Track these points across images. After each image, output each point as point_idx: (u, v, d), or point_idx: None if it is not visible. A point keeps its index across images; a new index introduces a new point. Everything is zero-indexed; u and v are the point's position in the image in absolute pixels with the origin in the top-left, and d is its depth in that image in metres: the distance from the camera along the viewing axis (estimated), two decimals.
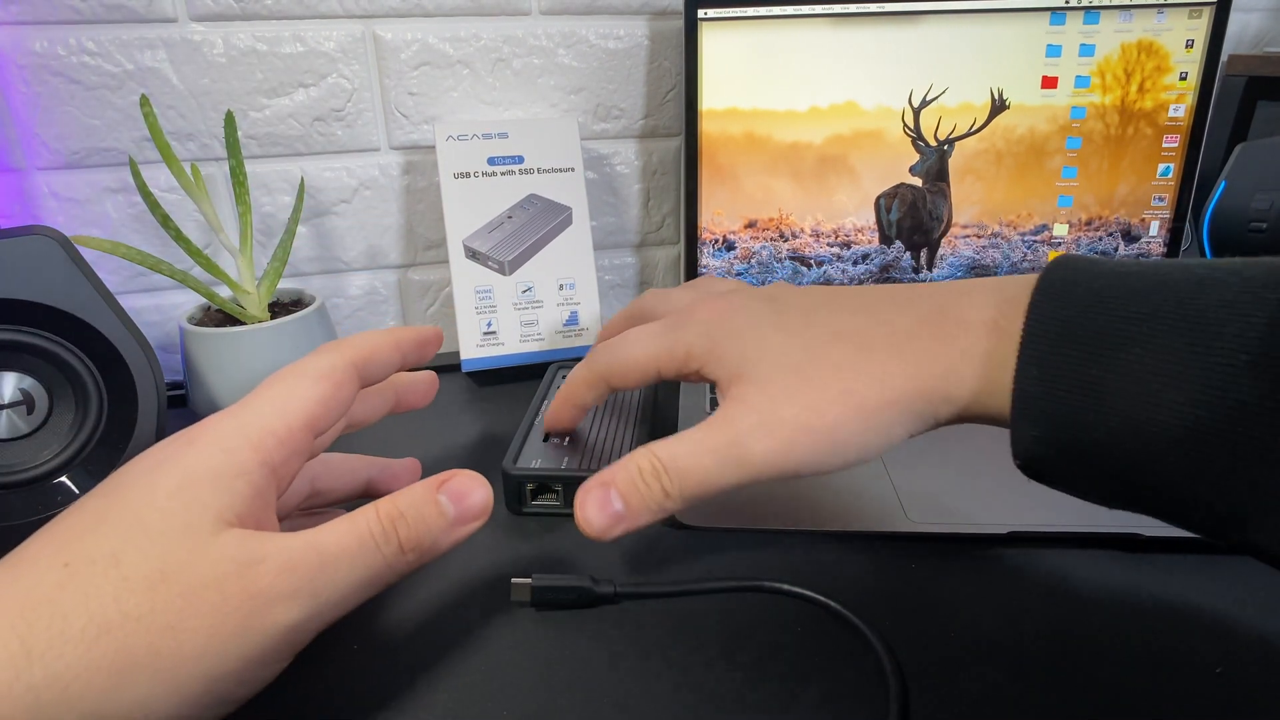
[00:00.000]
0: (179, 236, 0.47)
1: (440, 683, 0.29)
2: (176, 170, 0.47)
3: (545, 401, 0.46)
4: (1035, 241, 0.58)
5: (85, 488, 0.38)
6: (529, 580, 0.32)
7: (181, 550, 0.21)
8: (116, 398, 0.39)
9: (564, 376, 0.49)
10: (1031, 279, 0.24)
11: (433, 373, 0.37)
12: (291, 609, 0.22)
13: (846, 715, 0.27)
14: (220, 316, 0.50)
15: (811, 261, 0.59)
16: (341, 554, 0.24)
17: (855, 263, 0.59)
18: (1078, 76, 0.55)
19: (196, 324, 0.48)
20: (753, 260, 0.59)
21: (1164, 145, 0.56)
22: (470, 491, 0.26)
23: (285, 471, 0.26)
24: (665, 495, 0.27)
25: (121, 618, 0.20)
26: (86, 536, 0.21)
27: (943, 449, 0.42)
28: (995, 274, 0.59)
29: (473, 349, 0.56)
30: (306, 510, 0.34)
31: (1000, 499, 0.38)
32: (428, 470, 0.44)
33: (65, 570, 0.20)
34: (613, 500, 0.27)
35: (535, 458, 0.39)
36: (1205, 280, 0.21)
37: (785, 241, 0.59)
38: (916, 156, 0.57)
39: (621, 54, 0.61)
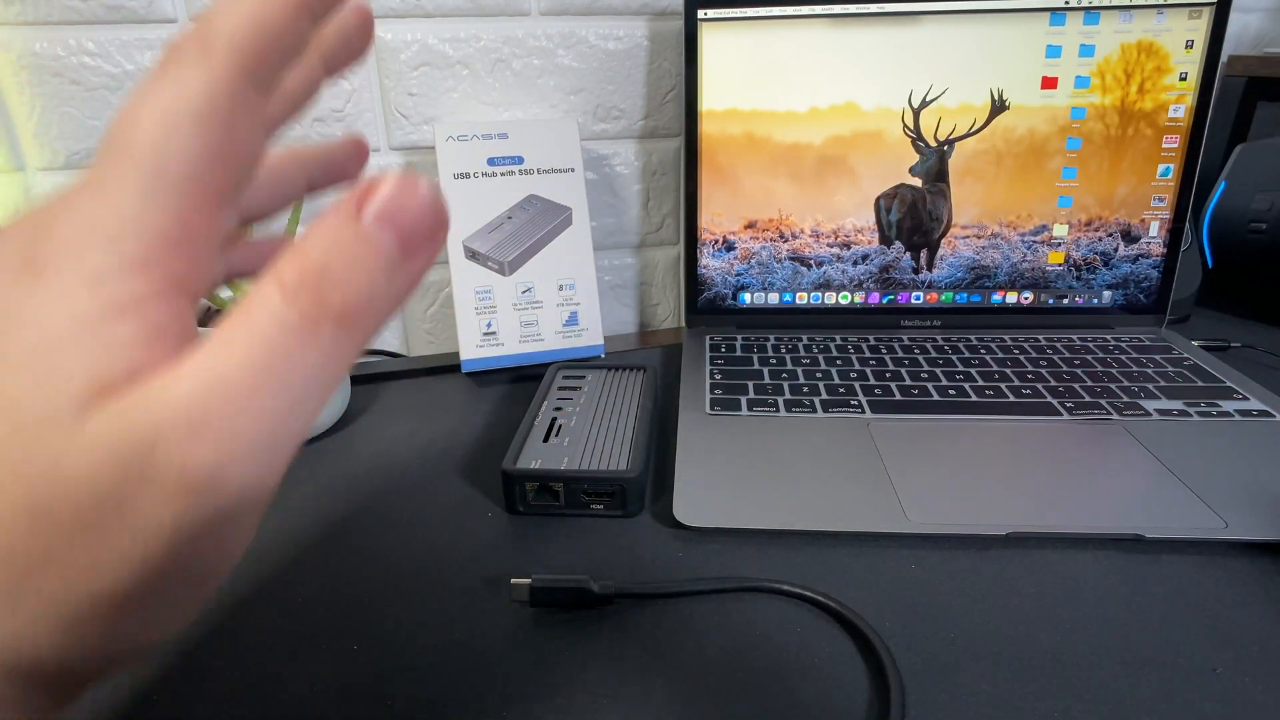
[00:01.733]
0: None
1: (440, 683, 0.29)
2: None
3: (545, 402, 0.46)
4: (1035, 242, 0.58)
5: None
6: (528, 580, 0.32)
7: (45, 458, 0.14)
8: None
9: (565, 377, 0.50)
10: None
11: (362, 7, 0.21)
12: (207, 490, 0.15)
13: (846, 715, 0.27)
14: (221, 317, 0.50)
15: (811, 262, 0.59)
16: (254, 380, 0.15)
17: (855, 263, 0.59)
18: (1078, 77, 0.55)
19: (197, 324, 0.48)
20: (752, 261, 0.59)
21: (1164, 146, 0.56)
22: (407, 201, 0.16)
23: (199, 274, 0.17)
24: None
25: None
26: None
27: (943, 449, 0.42)
28: (995, 274, 0.59)
29: (473, 349, 0.56)
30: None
31: (1000, 499, 0.38)
32: (429, 471, 0.44)
33: None
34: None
35: (535, 458, 0.39)
36: None
37: (785, 242, 0.59)
38: (916, 157, 0.57)
39: (621, 54, 0.61)
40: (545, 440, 0.41)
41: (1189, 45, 0.54)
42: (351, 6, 0.21)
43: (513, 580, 0.32)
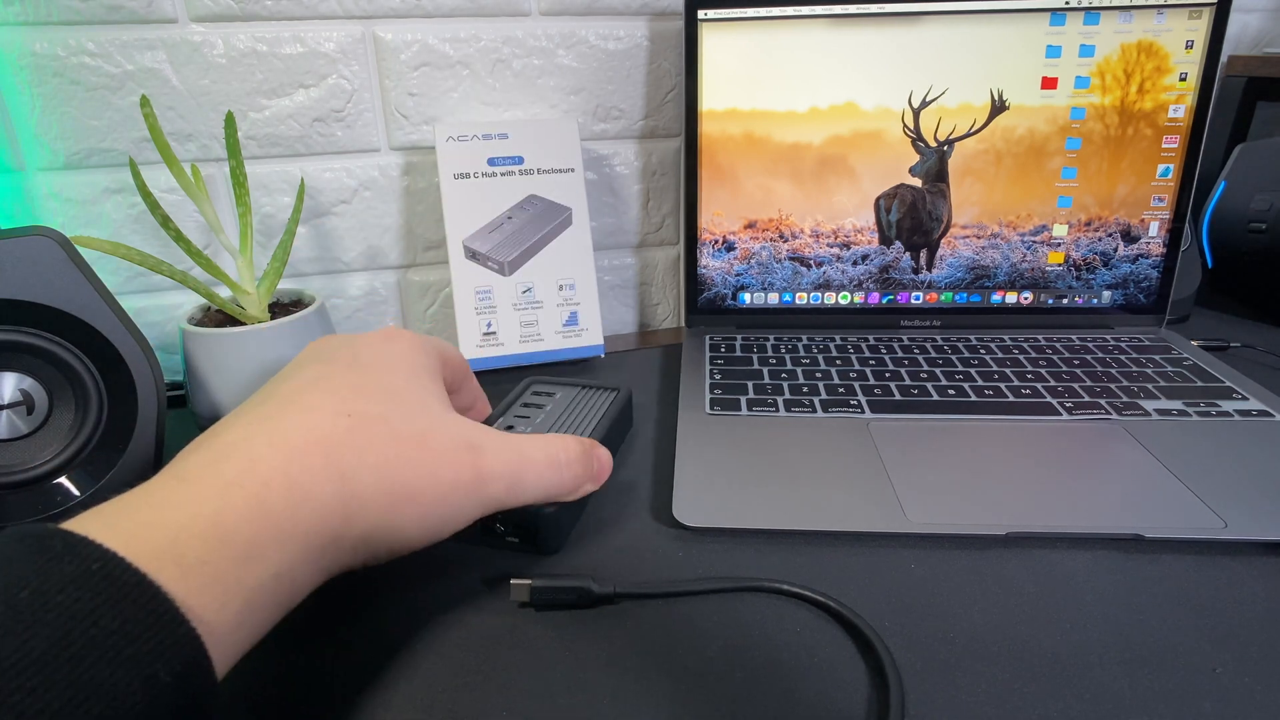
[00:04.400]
0: (179, 237, 0.47)
1: (441, 683, 0.29)
2: (176, 171, 0.47)
3: (501, 418, 0.42)
4: (1035, 242, 0.58)
5: (85, 488, 0.38)
6: (529, 581, 0.32)
7: (429, 420, 0.29)
8: (116, 398, 0.39)
9: (534, 391, 0.46)
10: None
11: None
12: (499, 490, 0.30)
13: (846, 715, 0.27)
14: (220, 317, 0.50)
15: (811, 262, 0.59)
16: (539, 462, 0.32)
17: (855, 263, 0.59)
18: (1077, 77, 0.55)
19: (196, 324, 0.48)
20: (752, 261, 0.59)
21: (1164, 146, 0.56)
22: (607, 465, 0.36)
23: (449, 385, 0.35)
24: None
25: (398, 460, 0.27)
26: (357, 398, 0.28)
27: (942, 449, 0.42)
28: (995, 275, 0.59)
29: (473, 349, 0.56)
30: None
31: (1000, 499, 0.38)
32: None
33: (349, 420, 0.27)
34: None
35: None
36: None
37: (785, 242, 0.59)
38: (916, 157, 0.57)
39: (621, 55, 0.61)
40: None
41: (1189, 45, 0.54)
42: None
43: (513, 580, 0.32)
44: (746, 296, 0.61)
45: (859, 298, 0.60)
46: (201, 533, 0.22)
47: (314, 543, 0.24)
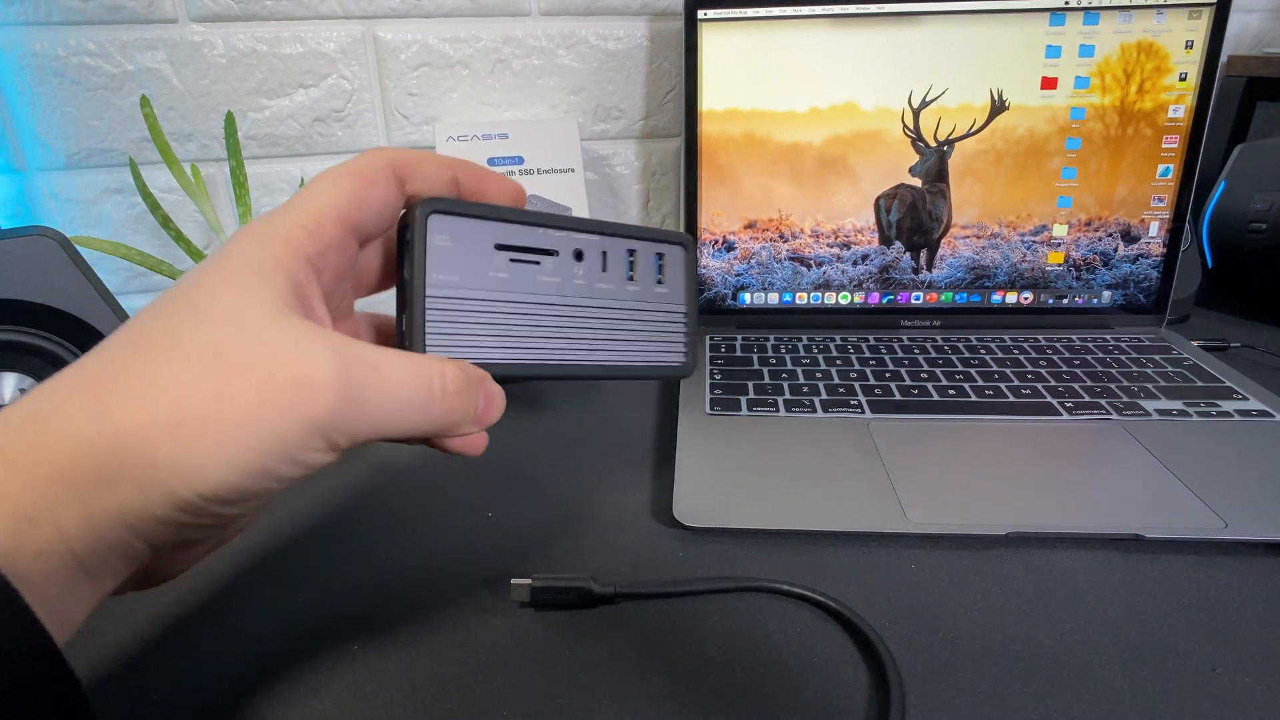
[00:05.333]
0: (179, 237, 0.47)
1: (440, 683, 0.29)
2: (176, 171, 0.47)
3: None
4: (1035, 242, 0.58)
5: None
6: (529, 580, 0.32)
7: (231, 330, 0.23)
8: None
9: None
10: None
11: (517, 185, 0.30)
12: (328, 403, 0.23)
13: (846, 716, 0.27)
14: None
15: (811, 262, 0.59)
16: (395, 381, 0.24)
17: (855, 263, 0.59)
18: (1077, 77, 0.55)
19: None
20: (752, 261, 0.59)
21: (1163, 146, 0.56)
22: (496, 403, 0.27)
23: (324, 264, 0.26)
24: None
25: (177, 383, 0.22)
26: (151, 323, 0.23)
27: (943, 449, 0.42)
28: (995, 274, 0.59)
29: None
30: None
31: (1000, 499, 0.38)
32: (428, 471, 0.44)
33: (132, 347, 0.23)
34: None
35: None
36: None
37: (785, 242, 0.59)
38: (916, 157, 0.57)
39: (621, 55, 0.61)
40: None
41: (1189, 45, 0.54)
42: (509, 183, 0.30)
43: (513, 580, 0.32)
44: (746, 296, 0.61)
45: (859, 298, 0.60)
46: None
47: (74, 484, 0.21)
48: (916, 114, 0.56)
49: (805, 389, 0.49)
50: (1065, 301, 0.60)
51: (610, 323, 0.30)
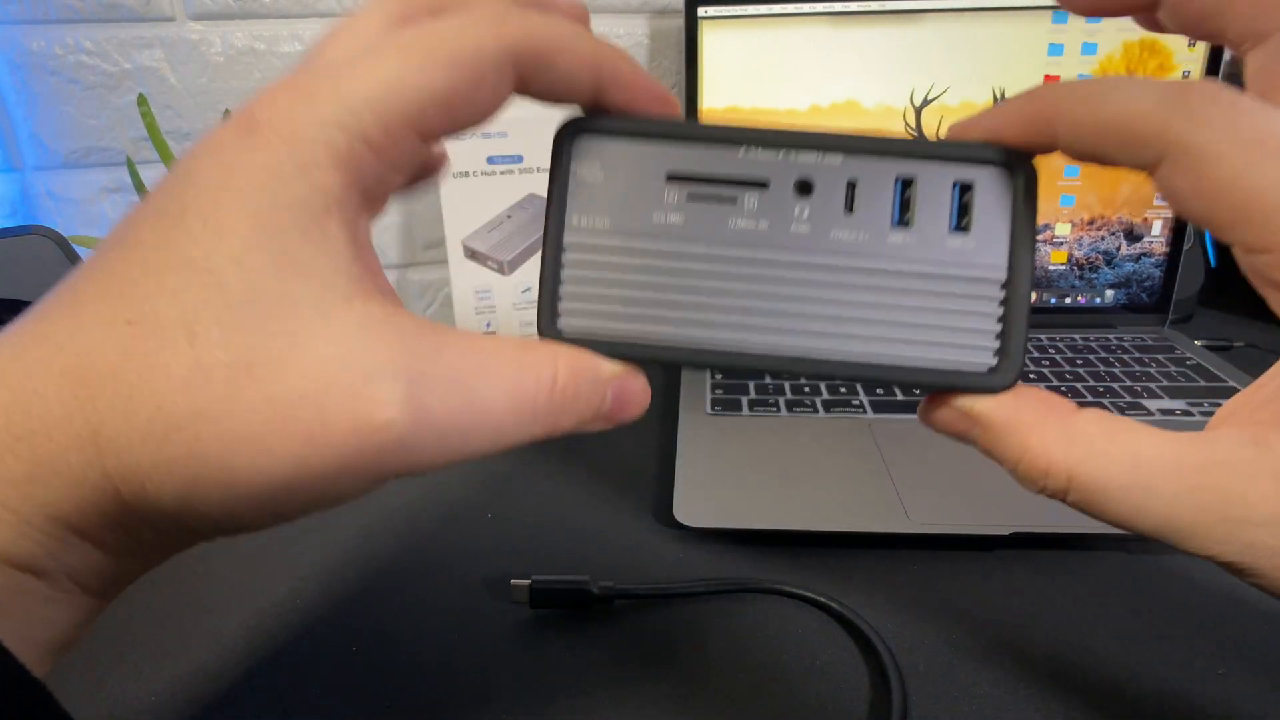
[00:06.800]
0: None
1: (440, 683, 0.29)
2: None
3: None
4: (1037, 241, 0.58)
5: None
6: (528, 581, 0.32)
7: (270, 332, 0.15)
8: None
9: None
10: None
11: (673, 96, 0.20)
12: (387, 446, 0.17)
13: (848, 716, 0.27)
14: None
15: None
16: (493, 400, 0.18)
17: None
18: (1080, 75, 0.55)
19: None
20: None
21: None
22: (634, 400, 0.20)
23: (378, 193, 0.18)
24: None
25: (192, 415, 0.15)
26: (152, 287, 0.16)
27: (944, 449, 0.42)
28: None
29: None
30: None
31: (1000, 499, 0.37)
32: None
33: (129, 331, 0.15)
34: None
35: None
36: None
37: None
38: None
39: None
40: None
41: (1191, 43, 0.54)
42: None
43: (513, 580, 0.32)
44: None
45: None
46: None
47: (60, 517, 0.15)
48: (918, 112, 0.56)
49: (806, 389, 0.49)
50: (1068, 301, 0.60)
51: (852, 293, 0.19)
